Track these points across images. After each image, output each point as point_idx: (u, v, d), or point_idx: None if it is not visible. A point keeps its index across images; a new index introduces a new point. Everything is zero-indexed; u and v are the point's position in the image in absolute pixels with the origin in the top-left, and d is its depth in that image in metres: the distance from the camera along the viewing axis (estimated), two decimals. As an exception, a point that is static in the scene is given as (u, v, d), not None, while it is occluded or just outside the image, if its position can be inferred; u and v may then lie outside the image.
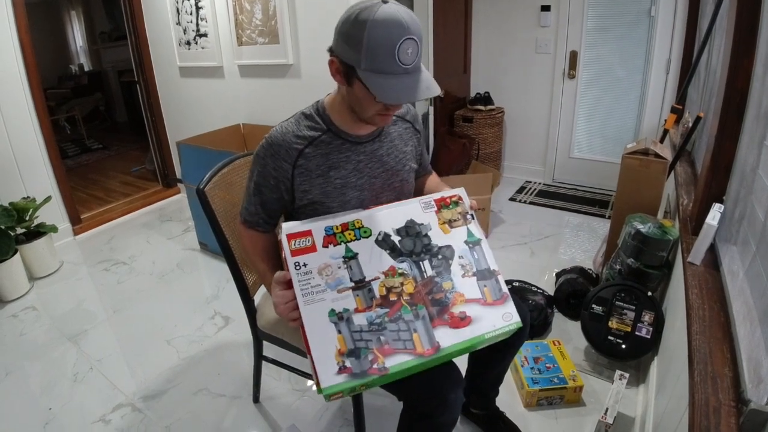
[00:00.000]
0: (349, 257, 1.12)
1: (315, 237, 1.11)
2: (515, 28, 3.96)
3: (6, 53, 3.06)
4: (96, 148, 6.44)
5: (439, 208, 1.24)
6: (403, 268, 1.14)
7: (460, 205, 1.26)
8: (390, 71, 1.04)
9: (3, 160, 3.07)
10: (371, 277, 1.11)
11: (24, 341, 2.46)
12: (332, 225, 1.14)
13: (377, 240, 1.15)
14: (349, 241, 1.13)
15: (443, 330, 1.10)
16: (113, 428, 1.88)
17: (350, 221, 1.16)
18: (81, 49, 7.98)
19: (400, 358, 1.05)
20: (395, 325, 1.08)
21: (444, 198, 1.26)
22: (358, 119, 1.22)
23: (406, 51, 1.02)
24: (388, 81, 1.05)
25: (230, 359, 2.24)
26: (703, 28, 2.55)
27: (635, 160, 2.25)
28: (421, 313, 1.10)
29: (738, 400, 0.97)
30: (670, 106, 3.05)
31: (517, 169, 4.42)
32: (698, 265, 1.46)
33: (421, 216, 1.22)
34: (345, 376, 1.01)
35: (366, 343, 1.05)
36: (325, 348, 1.02)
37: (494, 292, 1.18)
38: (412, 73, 1.06)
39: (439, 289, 1.15)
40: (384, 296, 1.10)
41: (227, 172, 1.65)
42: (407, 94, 1.07)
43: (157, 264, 3.19)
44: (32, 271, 3.03)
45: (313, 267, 1.08)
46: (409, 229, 1.19)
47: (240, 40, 3.32)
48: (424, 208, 1.23)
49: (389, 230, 1.17)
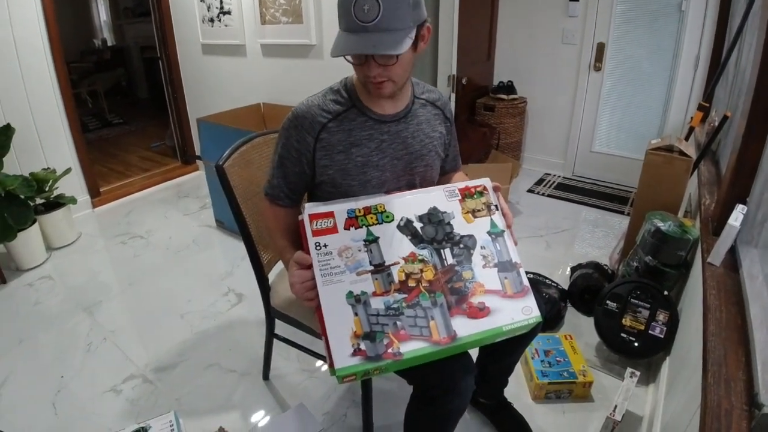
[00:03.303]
0: (370, 241, 1.11)
1: (337, 219, 1.11)
2: (542, 16, 3.89)
3: (30, 26, 3.08)
4: (116, 123, 6.49)
5: (463, 197, 1.22)
6: (424, 255, 1.13)
7: (484, 196, 1.23)
8: (350, 28, 1.07)
9: (25, 131, 3.10)
10: (391, 261, 1.10)
11: (39, 310, 2.50)
12: (354, 208, 1.13)
13: (399, 225, 1.14)
14: (370, 225, 1.12)
15: (461, 319, 1.09)
16: (124, 398, 1.92)
17: (373, 205, 1.15)
18: (104, 23, 8.00)
19: (416, 344, 1.05)
20: (412, 311, 1.07)
21: (468, 188, 1.23)
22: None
23: (362, 7, 1.03)
24: (343, 37, 1.08)
25: (242, 336, 2.27)
26: (734, 26, 2.49)
27: (659, 157, 2.22)
28: (439, 301, 1.09)
29: (750, 404, 0.96)
30: (696, 103, 3.00)
31: (537, 161, 4.38)
32: (717, 267, 1.44)
33: (445, 204, 1.20)
34: (359, 358, 1.01)
35: (382, 327, 1.04)
36: (341, 329, 1.02)
37: (515, 285, 1.17)
38: (372, 31, 1.05)
39: (459, 278, 1.14)
40: (403, 281, 1.10)
41: (246, 150, 1.65)
42: (348, 47, 1.08)
43: (174, 239, 3.23)
44: (50, 241, 3.07)
45: (333, 248, 1.08)
46: (431, 216, 1.17)
47: (263, 18, 3.31)
48: (448, 197, 1.21)
49: (411, 216, 1.16)
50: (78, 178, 3.56)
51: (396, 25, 1.06)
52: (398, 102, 1.30)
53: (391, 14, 1.04)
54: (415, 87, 1.36)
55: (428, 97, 1.39)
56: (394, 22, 1.05)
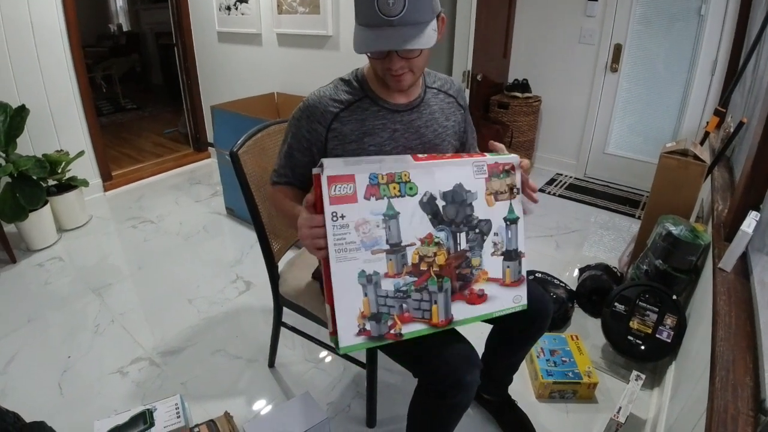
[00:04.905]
0: (390, 216, 1.06)
1: (357, 184, 1.03)
2: (560, 15, 3.86)
3: (48, 9, 3.10)
4: (130, 108, 6.54)
5: (490, 175, 1.16)
6: (440, 238, 1.11)
7: (510, 176, 1.19)
8: (372, 23, 1.04)
9: (39, 113, 3.13)
10: (407, 242, 1.08)
11: (48, 290, 2.53)
12: (378, 173, 1.05)
13: (421, 201, 1.09)
14: (392, 197, 1.06)
15: (460, 304, 1.15)
16: (130, 380, 1.94)
17: (397, 172, 1.07)
18: (121, 9, 8.04)
19: (416, 326, 1.10)
20: (419, 295, 1.10)
21: (498, 164, 1.17)
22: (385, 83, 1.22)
23: (386, 1, 1.01)
24: (365, 32, 1.06)
25: (249, 323, 2.28)
26: (753, 33, 2.46)
27: (673, 161, 2.20)
28: (445, 286, 1.12)
29: (757, 409, 0.96)
30: (712, 108, 2.97)
31: (549, 161, 4.36)
32: (728, 272, 1.43)
33: (471, 182, 1.14)
34: (363, 338, 1.05)
35: (389, 309, 1.07)
36: (349, 308, 1.04)
37: (514, 274, 1.21)
38: (397, 25, 1.03)
39: (468, 265, 1.15)
40: (415, 264, 1.09)
41: (261, 138, 1.66)
42: (377, 43, 1.05)
43: (184, 225, 3.25)
44: (61, 222, 3.11)
45: (351, 220, 1.02)
46: (455, 194, 1.12)
47: (280, 8, 3.31)
48: (476, 173, 1.15)
49: (435, 192, 1.10)
50: (90, 161, 3.59)
51: (420, 18, 1.05)
52: (411, 92, 1.29)
53: (414, 7, 1.02)
54: (426, 77, 1.36)
55: (440, 85, 1.38)
56: (418, 15, 1.04)
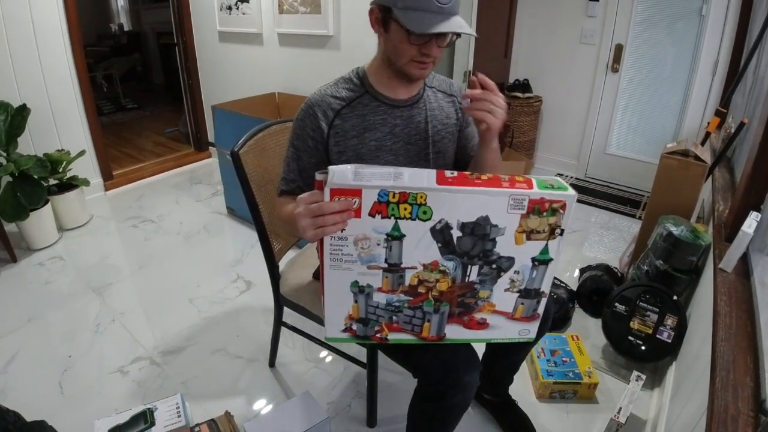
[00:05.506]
0: (394, 237, 0.94)
1: (364, 200, 0.90)
2: (561, 15, 3.86)
3: (50, 8, 3.10)
4: (131, 108, 6.54)
5: (530, 212, 0.95)
6: (447, 267, 0.99)
7: (556, 216, 0.98)
8: (425, 8, 1.05)
9: (40, 112, 3.12)
10: (408, 265, 0.98)
11: (48, 289, 2.53)
12: (389, 190, 0.89)
13: (433, 228, 0.94)
14: (401, 218, 0.92)
15: (455, 327, 1.08)
16: (130, 380, 1.94)
17: (413, 193, 0.90)
18: (122, 8, 8.04)
19: (404, 336, 1.09)
20: (411, 312, 1.05)
21: (544, 200, 0.95)
22: (396, 74, 1.21)
23: None
24: (421, 15, 1.06)
25: (249, 323, 2.28)
26: (754, 33, 2.46)
27: (674, 161, 2.20)
28: (442, 309, 1.05)
29: (757, 410, 0.96)
30: (713, 109, 2.97)
31: (550, 161, 4.36)
32: (729, 273, 1.43)
33: (501, 216, 0.94)
34: (349, 335, 1.09)
35: (377, 318, 1.06)
36: (339, 310, 1.05)
37: (528, 311, 1.08)
38: (448, 14, 1.06)
39: (473, 295, 1.04)
40: (413, 286, 1.01)
41: (262, 137, 1.66)
42: (442, 26, 1.06)
43: (185, 225, 3.25)
44: (62, 222, 3.11)
45: (350, 234, 0.93)
46: (476, 227, 0.95)
47: (281, 7, 3.31)
48: (511, 207, 0.93)
49: (453, 221, 0.94)
50: (91, 160, 3.59)
51: (458, 9, 1.09)
52: (412, 87, 1.30)
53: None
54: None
55: (438, 86, 1.38)
56: (458, 7, 1.09)
